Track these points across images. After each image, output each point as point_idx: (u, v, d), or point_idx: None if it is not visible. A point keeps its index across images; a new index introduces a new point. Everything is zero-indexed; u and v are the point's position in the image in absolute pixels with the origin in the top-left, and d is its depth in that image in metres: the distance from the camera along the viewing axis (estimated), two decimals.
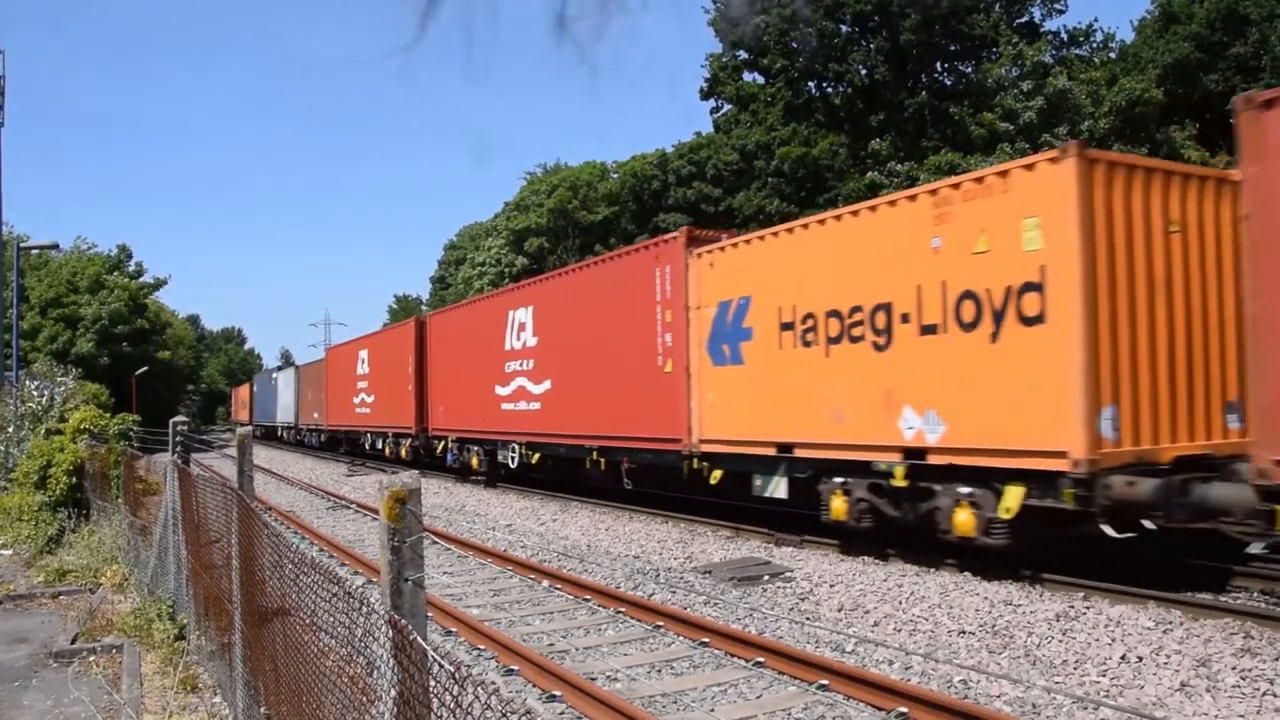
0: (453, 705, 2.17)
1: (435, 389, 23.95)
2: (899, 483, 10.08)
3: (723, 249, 13.14)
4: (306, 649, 3.67)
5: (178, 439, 8.05)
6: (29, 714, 6.05)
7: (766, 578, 10.08)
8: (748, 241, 12.78)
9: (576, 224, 47.32)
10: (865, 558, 10.97)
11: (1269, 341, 7.37)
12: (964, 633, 7.69)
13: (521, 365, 18.84)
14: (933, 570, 10.00)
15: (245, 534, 4.92)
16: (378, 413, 28.50)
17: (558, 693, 6.31)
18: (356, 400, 30.75)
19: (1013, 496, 8.90)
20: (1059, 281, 8.55)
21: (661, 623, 8.16)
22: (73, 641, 7.62)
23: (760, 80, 39.93)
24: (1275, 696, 5.91)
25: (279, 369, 53.31)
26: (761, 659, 6.93)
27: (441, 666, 2.25)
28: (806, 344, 11.57)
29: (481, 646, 7.59)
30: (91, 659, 7.20)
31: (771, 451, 12.06)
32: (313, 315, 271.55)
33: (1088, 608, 8.06)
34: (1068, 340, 8.45)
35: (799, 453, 11.68)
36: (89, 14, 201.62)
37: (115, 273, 53.92)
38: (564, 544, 13.16)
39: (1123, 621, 7.58)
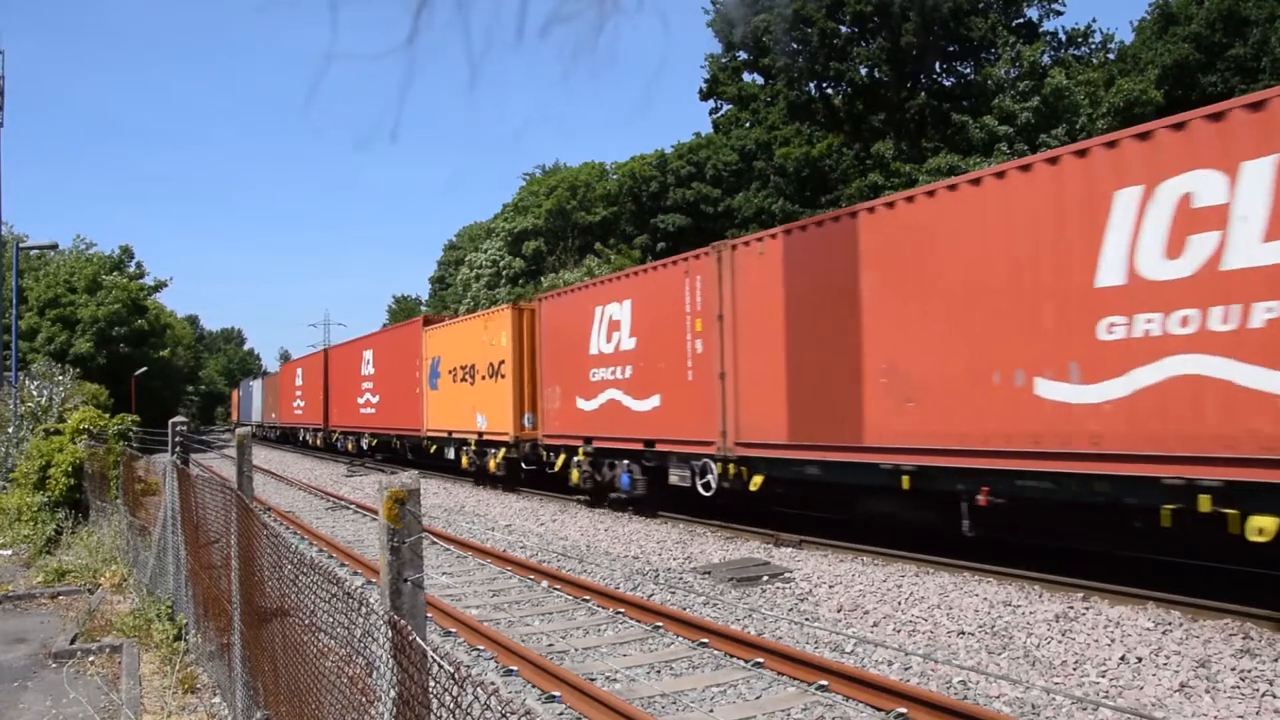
0: (452, 706, 2.17)
1: (332, 398, 34.57)
2: (474, 448, 21.09)
3: (434, 329, 24.04)
4: (306, 649, 3.67)
5: (177, 439, 8.05)
6: (28, 714, 6.04)
7: (766, 578, 10.08)
8: (442, 325, 23.97)
9: (575, 225, 47.30)
10: (864, 558, 10.98)
11: (540, 391, 18.23)
12: (963, 633, 7.70)
13: (368, 385, 29.64)
14: (932, 571, 10.02)
15: (244, 534, 4.92)
16: (305, 414, 39.43)
17: (557, 693, 6.31)
18: (294, 405, 41.67)
19: (501, 453, 19.66)
20: (507, 360, 19.31)
21: (661, 623, 8.16)
22: (72, 642, 7.61)
23: (760, 81, 39.96)
24: (1274, 697, 5.92)
25: (255, 377, 63.60)
26: (761, 659, 6.93)
27: (441, 667, 2.24)
28: (455, 381, 22.21)
29: (481, 647, 7.59)
30: (90, 659, 7.19)
31: (446, 434, 22.81)
32: (312, 315, 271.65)
33: (1087, 608, 8.06)
34: (511, 385, 19.13)
35: (454, 435, 22.33)
36: (87, 14, 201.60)
37: (115, 273, 53.87)
38: (563, 544, 13.16)
39: (1122, 622, 7.59)
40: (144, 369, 49.88)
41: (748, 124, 40.84)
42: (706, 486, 13.23)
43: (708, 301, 13.27)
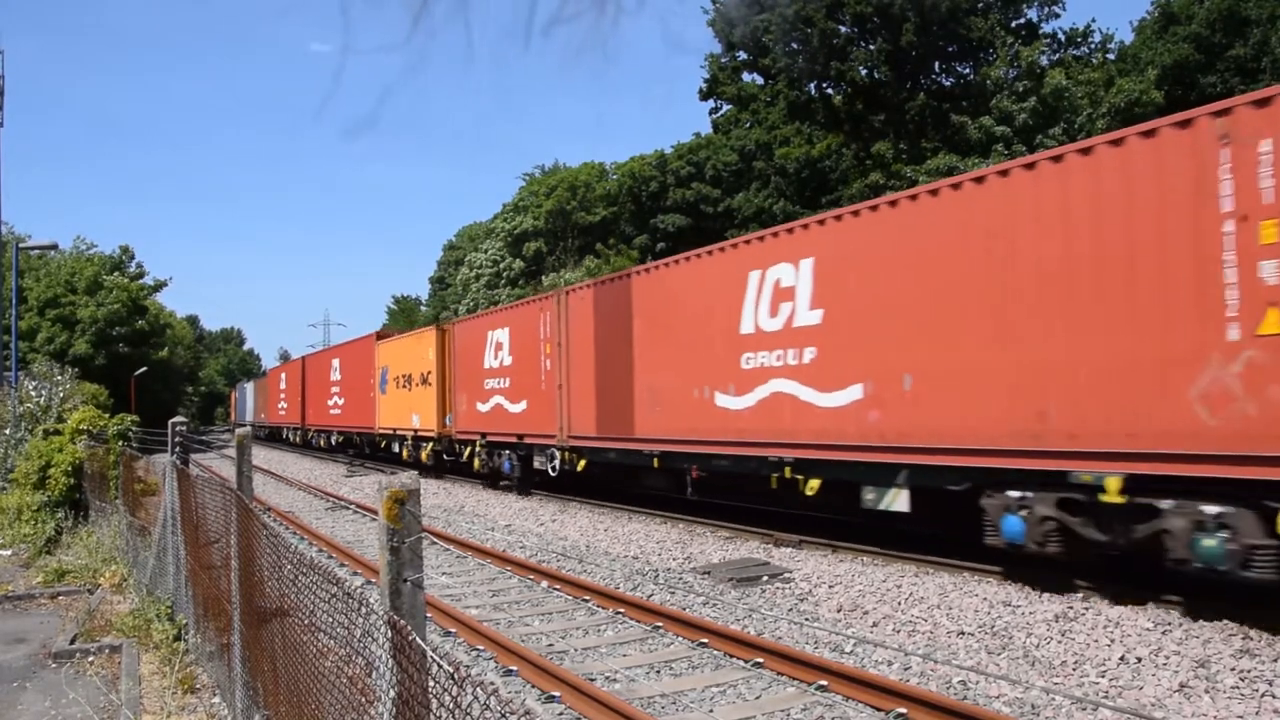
0: (452, 706, 2.17)
1: (308, 400, 39.50)
2: (410, 442, 25.41)
3: (384, 343, 28.52)
4: (305, 649, 3.67)
5: (176, 439, 8.05)
6: (27, 714, 6.04)
7: (765, 578, 10.08)
8: (390, 340, 28.41)
9: (575, 225, 47.27)
10: (864, 558, 10.99)
11: (453, 399, 22.84)
12: (963, 633, 7.70)
13: (336, 389, 34.39)
14: (932, 571, 10.02)
15: (244, 534, 4.92)
16: (288, 414, 44.26)
17: (556, 693, 6.31)
18: (279, 406, 46.77)
19: (430, 446, 23.93)
20: (433, 371, 23.44)
21: (660, 623, 8.16)
22: (71, 642, 7.61)
23: (760, 81, 39.91)
24: (1274, 698, 5.92)
25: (249, 380, 66.84)
26: (760, 660, 6.93)
27: (440, 667, 2.25)
28: (397, 387, 26.63)
29: (480, 647, 7.59)
30: (90, 659, 7.19)
31: (392, 431, 27.00)
32: (312, 315, 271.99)
33: (1086, 608, 8.06)
34: (435, 391, 23.27)
35: (398, 432, 26.44)
36: (87, 14, 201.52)
37: (116, 273, 53.83)
38: (563, 544, 13.16)
39: (1122, 622, 7.59)
40: (144, 369, 49.84)
41: (747, 124, 40.80)
42: (554, 469, 17.69)
43: (553, 332, 17.71)
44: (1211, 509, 7.38)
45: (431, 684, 2.34)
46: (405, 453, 25.95)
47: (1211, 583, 7.75)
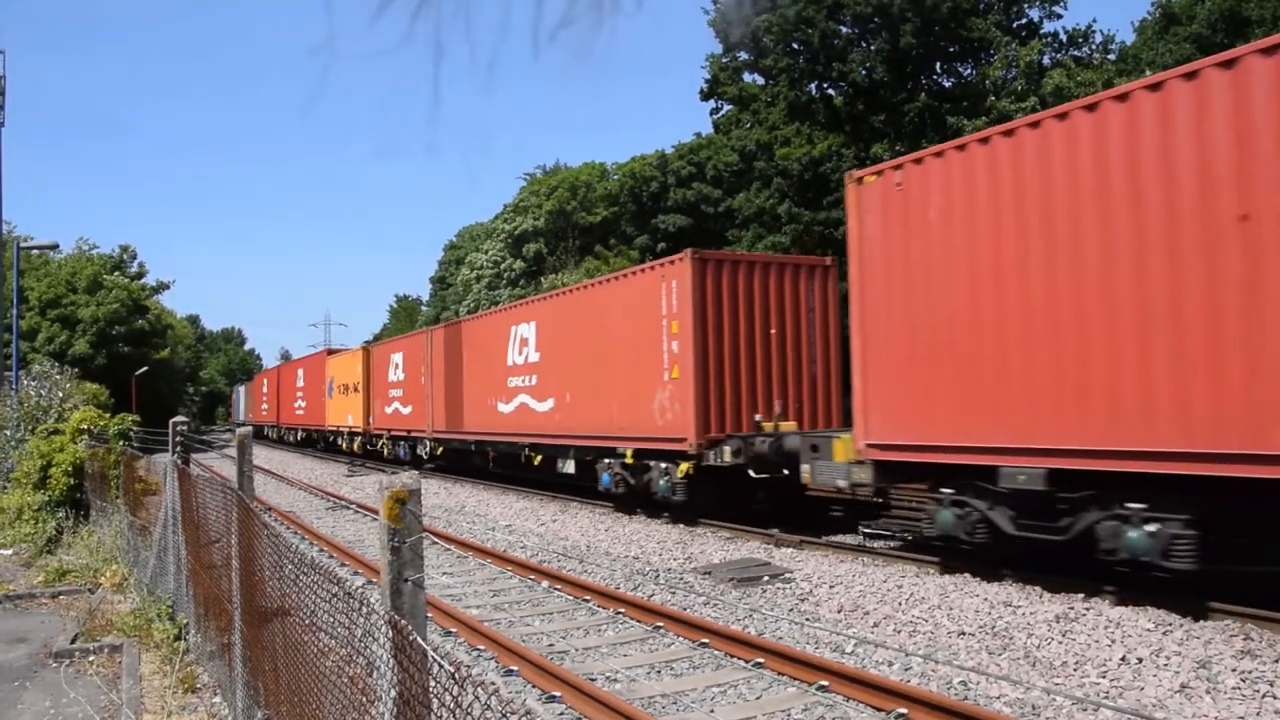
0: (452, 705, 2.17)
1: (281, 402, 47.14)
2: (346, 437, 33.19)
3: (332, 358, 36.18)
4: (306, 649, 3.67)
5: (177, 439, 8.05)
6: (28, 714, 6.04)
7: (766, 579, 10.08)
8: (336, 356, 36.29)
9: (575, 226, 47.22)
10: (864, 558, 10.99)
11: (372, 404, 31.30)
12: (963, 634, 7.69)
13: (300, 393, 41.88)
14: (932, 571, 10.01)
15: (245, 534, 4.92)
16: (268, 414, 51.42)
17: (557, 693, 6.31)
18: (261, 406, 54.37)
19: (359, 440, 31.62)
20: (361, 382, 31.42)
21: (661, 623, 8.16)
22: (72, 641, 7.62)
23: (760, 81, 39.81)
24: (1275, 698, 5.91)
25: (243, 383, 73.97)
26: (761, 660, 6.93)
27: (441, 667, 2.24)
28: (340, 393, 34.23)
29: (481, 647, 7.59)
30: (91, 659, 7.19)
31: (336, 428, 34.72)
32: (313, 315, 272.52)
33: (1087, 609, 8.06)
34: (362, 397, 31.22)
35: (339, 428, 34.07)
36: (86, 13, 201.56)
37: (116, 273, 53.81)
38: (563, 544, 13.16)
39: (1122, 623, 7.58)
40: (144, 369, 49.80)
41: (748, 124, 40.72)
42: (426, 454, 25.52)
43: (425, 356, 25.29)
44: (662, 465, 14.32)
45: (432, 684, 2.34)
46: (344, 445, 33.74)
47: (664, 503, 14.51)
